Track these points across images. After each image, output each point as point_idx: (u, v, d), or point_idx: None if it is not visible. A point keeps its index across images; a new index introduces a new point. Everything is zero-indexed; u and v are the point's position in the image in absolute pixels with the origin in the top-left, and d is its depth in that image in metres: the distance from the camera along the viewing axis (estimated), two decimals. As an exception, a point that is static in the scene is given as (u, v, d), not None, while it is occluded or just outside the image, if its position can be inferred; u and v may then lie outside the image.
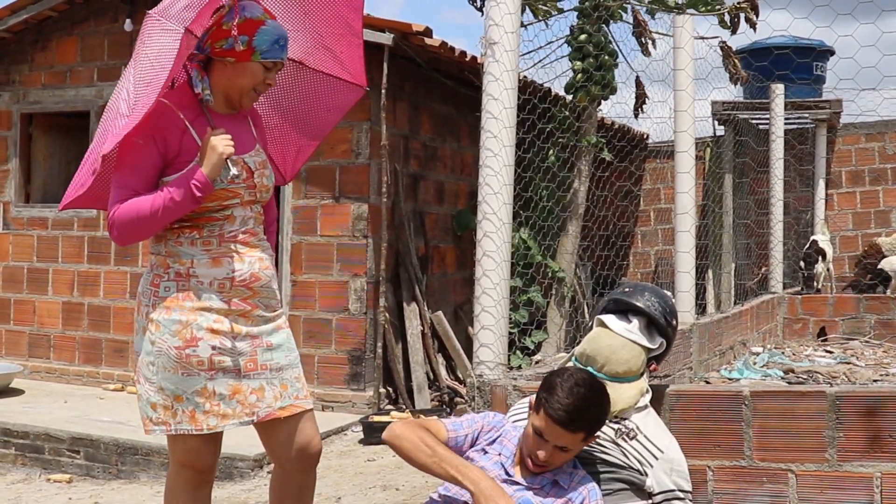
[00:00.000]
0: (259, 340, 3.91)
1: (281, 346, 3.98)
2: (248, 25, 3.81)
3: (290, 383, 3.96)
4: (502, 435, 3.78)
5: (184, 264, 3.84)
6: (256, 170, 3.96)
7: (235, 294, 3.87)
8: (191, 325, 3.80)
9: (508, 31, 4.37)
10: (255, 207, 3.99)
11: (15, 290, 11.42)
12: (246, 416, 3.87)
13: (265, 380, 3.90)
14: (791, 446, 3.81)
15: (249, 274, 3.90)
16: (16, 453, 8.61)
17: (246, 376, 3.86)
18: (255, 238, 3.97)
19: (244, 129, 4.03)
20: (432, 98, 11.00)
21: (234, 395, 3.84)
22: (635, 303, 3.95)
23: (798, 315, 10.41)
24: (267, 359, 3.92)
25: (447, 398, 9.87)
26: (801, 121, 13.90)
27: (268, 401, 3.89)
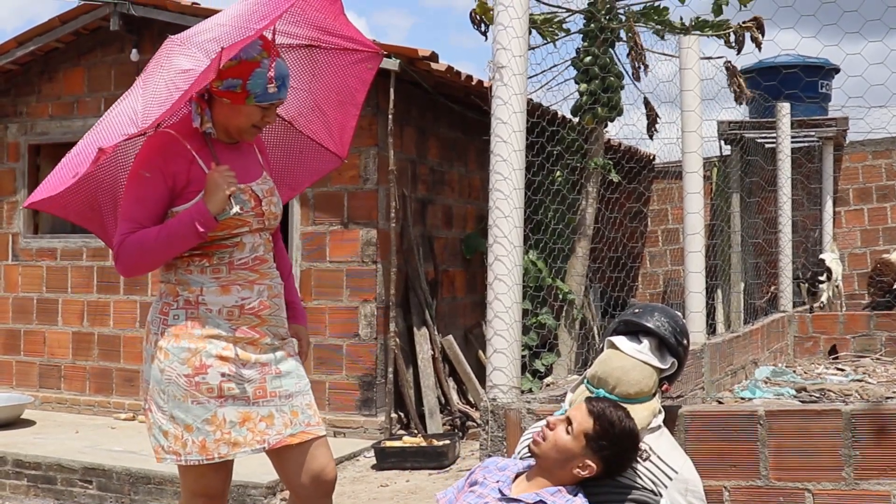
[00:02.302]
0: (268, 368, 3.93)
1: (290, 373, 3.98)
2: (242, 68, 3.81)
3: (300, 410, 3.96)
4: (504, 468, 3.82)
5: (193, 292, 3.88)
6: (264, 197, 3.99)
7: (244, 322, 3.90)
8: (200, 353, 3.83)
9: (516, 55, 4.38)
10: (263, 234, 4.02)
11: (25, 321, 11.43)
12: (257, 443, 3.88)
13: (275, 407, 3.91)
14: (807, 465, 3.80)
15: (258, 302, 3.93)
16: (28, 484, 8.60)
17: (255, 403, 3.88)
18: (265, 265, 4.00)
19: (250, 158, 4.07)
20: (439, 123, 11.03)
21: (245, 423, 3.86)
22: (645, 323, 3.95)
23: (809, 333, 10.40)
24: (276, 386, 3.93)
25: (459, 422, 9.86)
26: (808, 139, 13.91)
27: (278, 428, 3.91)
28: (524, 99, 4.45)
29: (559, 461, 3.61)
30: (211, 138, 3.95)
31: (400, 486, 8.07)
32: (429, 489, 7.88)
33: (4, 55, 11.11)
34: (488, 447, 4.32)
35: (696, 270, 6.57)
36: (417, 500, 7.50)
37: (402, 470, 8.53)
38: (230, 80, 3.81)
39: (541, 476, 3.65)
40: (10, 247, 11.52)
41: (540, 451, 3.64)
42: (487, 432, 4.33)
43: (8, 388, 11.40)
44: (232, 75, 3.80)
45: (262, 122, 3.93)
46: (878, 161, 14.45)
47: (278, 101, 3.92)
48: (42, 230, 11.56)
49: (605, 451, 3.59)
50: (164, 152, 3.85)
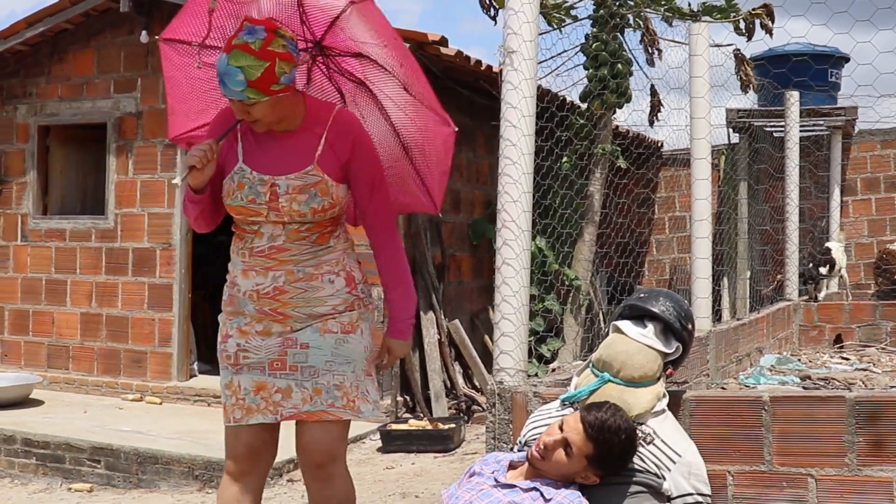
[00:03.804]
0: (292, 342, 3.98)
1: (321, 349, 3.99)
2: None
3: (325, 389, 3.98)
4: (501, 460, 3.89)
5: (232, 273, 4.10)
6: (285, 193, 3.94)
7: (264, 304, 3.98)
8: (227, 325, 4.07)
9: (527, 40, 4.39)
10: (289, 227, 3.99)
11: (33, 302, 11.47)
12: (270, 413, 3.97)
13: (294, 381, 3.97)
14: (811, 451, 3.81)
15: (273, 287, 3.97)
16: (37, 463, 8.65)
17: (272, 374, 3.97)
18: (285, 254, 3.99)
19: (302, 147, 4.03)
20: (448, 107, 10.88)
21: (259, 392, 3.97)
22: (650, 308, 3.97)
23: (814, 322, 10.39)
24: (299, 360, 3.97)
25: (464, 406, 9.89)
26: (817, 128, 13.88)
27: (294, 402, 3.97)
28: (534, 84, 4.46)
29: (561, 475, 3.67)
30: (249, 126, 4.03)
31: (405, 468, 8.10)
32: (434, 472, 7.91)
33: (14, 36, 11.14)
34: (495, 430, 4.34)
35: (703, 257, 6.59)
36: (422, 483, 7.53)
37: (408, 453, 8.56)
38: None
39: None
40: (20, 227, 11.56)
41: (541, 468, 3.69)
42: (494, 415, 4.35)
43: (16, 367, 11.45)
44: None
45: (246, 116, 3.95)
46: (887, 151, 14.43)
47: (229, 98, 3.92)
48: (51, 211, 11.60)
49: (606, 466, 3.65)
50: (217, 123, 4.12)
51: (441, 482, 7.49)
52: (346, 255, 4.14)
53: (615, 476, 3.71)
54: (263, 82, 3.81)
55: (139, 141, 10.86)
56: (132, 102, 10.90)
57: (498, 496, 3.64)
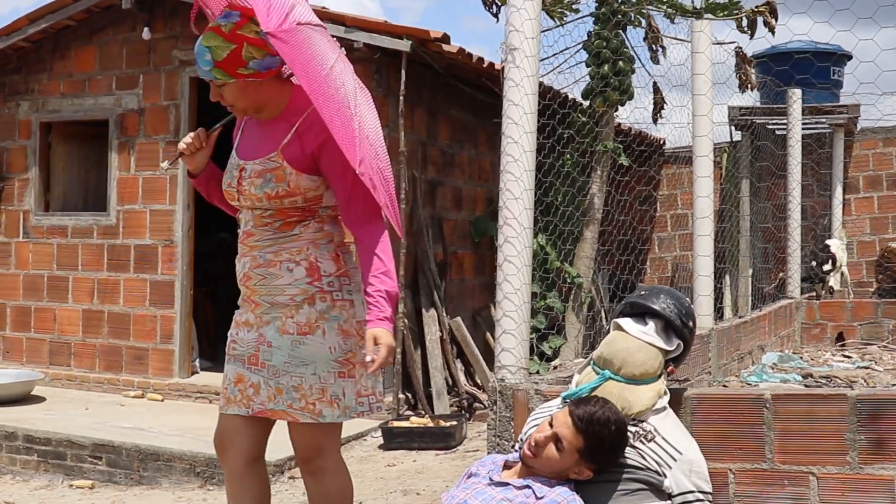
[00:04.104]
0: (262, 339, 4.04)
1: (281, 349, 4.01)
2: None
3: (285, 390, 4.00)
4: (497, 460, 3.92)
5: None
6: (247, 178, 4.05)
7: (243, 291, 4.17)
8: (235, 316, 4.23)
9: (529, 37, 4.39)
10: (255, 212, 4.09)
11: (35, 298, 11.48)
12: (243, 405, 4.06)
13: (263, 377, 4.03)
14: (812, 449, 3.81)
15: (242, 273, 4.14)
16: (38, 460, 8.65)
17: (248, 368, 4.05)
18: (251, 239, 4.11)
19: (271, 136, 4.07)
20: (450, 104, 11.04)
21: (238, 384, 4.09)
22: (651, 305, 3.97)
23: (816, 320, 10.39)
24: (266, 357, 4.03)
25: (466, 404, 9.89)
26: (819, 126, 13.88)
27: (262, 398, 4.03)
28: (536, 81, 4.45)
29: (554, 472, 3.68)
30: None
31: (407, 465, 8.10)
32: (435, 469, 7.91)
33: (17, 32, 11.14)
34: (496, 427, 4.34)
35: (705, 254, 6.58)
36: (424, 480, 7.53)
37: (410, 450, 8.56)
38: None
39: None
40: (21, 224, 11.56)
41: (533, 465, 3.71)
42: (495, 413, 4.35)
43: (18, 364, 11.46)
44: None
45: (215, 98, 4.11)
46: (889, 149, 14.41)
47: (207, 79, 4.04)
48: (53, 208, 11.60)
49: (598, 458, 3.67)
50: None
51: (442, 480, 7.49)
52: (315, 245, 4.07)
53: (611, 471, 3.72)
54: (229, 64, 3.91)
55: (141, 137, 10.86)
56: (134, 99, 10.90)
57: (491, 493, 3.66)
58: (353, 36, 9.30)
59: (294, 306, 4.03)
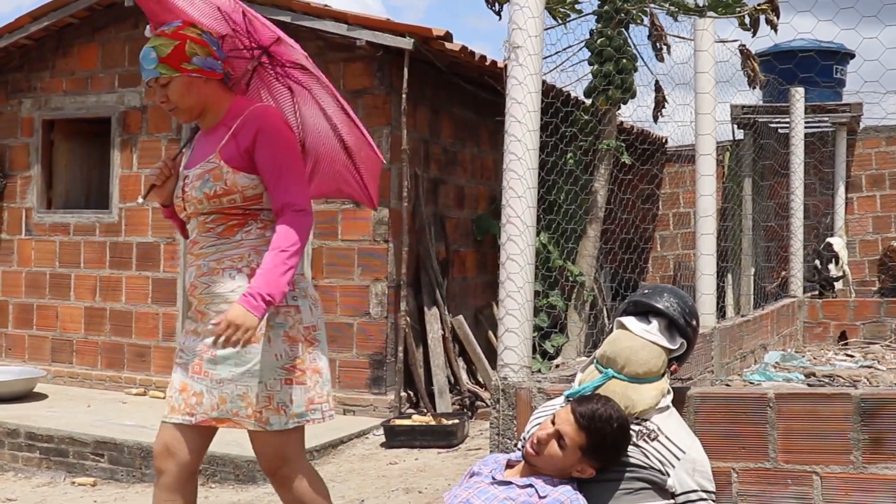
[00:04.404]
0: (206, 349, 4.05)
1: (226, 359, 4.02)
2: None
3: (230, 399, 4.02)
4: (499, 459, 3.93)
5: None
6: (189, 182, 4.15)
7: (193, 301, 4.20)
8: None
9: (532, 35, 4.38)
10: (198, 219, 4.14)
11: (38, 296, 11.48)
12: (186, 414, 4.07)
13: (205, 387, 4.05)
14: (816, 448, 3.80)
15: (189, 283, 4.18)
16: (41, 457, 8.66)
17: (192, 377, 4.07)
18: (196, 248, 4.16)
19: (212, 140, 4.19)
20: (453, 102, 11.03)
21: (182, 392, 4.10)
22: (654, 304, 3.97)
23: (818, 319, 10.38)
24: (210, 368, 4.05)
25: (468, 402, 9.89)
26: (822, 124, 13.87)
27: (205, 407, 4.05)
28: (539, 79, 4.45)
29: (556, 470, 3.68)
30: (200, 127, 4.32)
31: (409, 464, 8.10)
32: (437, 467, 7.91)
33: (19, 30, 11.14)
34: (499, 426, 4.34)
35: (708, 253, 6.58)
36: (426, 478, 7.53)
37: (412, 448, 8.56)
38: None
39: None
40: (24, 221, 11.57)
41: (536, 464, 3.71)
42: (498, 411, 4.34)
43: (20, 361, 11.46)
44: None
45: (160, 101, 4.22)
46: (892, 147, 14.40)
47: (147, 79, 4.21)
48: (55, 205, 11.60)
49: (600, 456, 3.67)
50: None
51: (444, 478, 7.49)
52: (256, 251, 4.09)
53: (614, 470, 3.72)
54: (174, 59, 4.06)
55: (143, 135, 10.86)
56: (136, 97, 10.89)
57: (494, 493, 3.66)
58: (355, 34, 9.30)
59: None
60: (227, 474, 7.81)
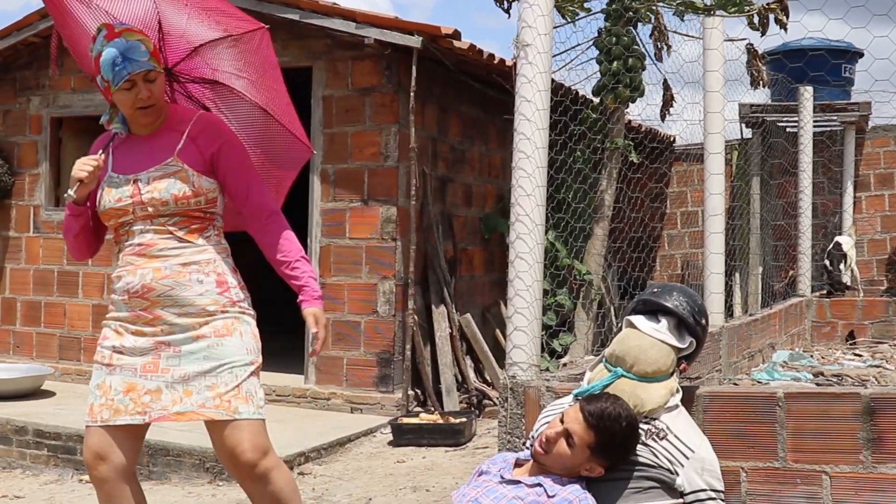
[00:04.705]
0: (166, 346, 4.07)
1: (194, 353, 4.07)
2: (96, 64, 4.09)
3: (196, 391, 4.05)
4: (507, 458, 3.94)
5: (114, 279, 4.22)
6: (147, 184, 4.11)
7: (136, 304, 4.10)
8: (105, 328, 4.20)
9: (541, 34, 4.38)
10: (156, 221, 4.14)
11: (45, 293, 11.49)
12: (138, 414, 4.04)
13: (164, 383, 4.05)
14: (825, 448, 3.80)
15: (140, 285, 4.09)
16: (48, 454, 8.66)
17: (143, 376, 4.05)
18: (152, 249, 4.12)
19: (164, 144, 4.20)
20: (461, 101, 11.02)
21: (128, 392, 4.05)
22: (664, 303, 3.97)
23: (826, 318, 10.38)
24: (172, 364, 4.06)
25: (475, 400, 9.88)
26: (830, 123, 13.85)
27: (163, 403, 4.04)
28: (548, 78, 4.45)
29: (565, 469, 3.68)
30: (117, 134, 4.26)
31: (416, 462, 8.10)
32: (445, 466, 7.91)
33: (28, 27, 11.15)
34: (507, 424, 4.34)
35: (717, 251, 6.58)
36: (434, 477, 7.53)
37: (419, 447, 8.56)
38: (97, 78, 4.13)
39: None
40: (32, 219, 11.58)
41: (545, 463, 3.71)
42: (506, 410, 4.34)
43: (28, 359, 11.48)
44: (95, 73, 4.12)
45: (138, 101, 4.11)
46: (900, 147, 14.38)
47: (131, 75, 4.06)
48: (63, 203, 11.60)
49: (609, 454, 3.67)
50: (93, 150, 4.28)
51: (452, 476, 7.49)
52: (219, 259, 4.22)
53: (623, 469, 3.72)
54: (157, 54, 4.14)
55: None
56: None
57: (503, 492, 3.66)
58: (363, 32, 9.29)
59: (207, 315, 4.12)
60: (234, 472, 7.81)
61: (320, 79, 9.89)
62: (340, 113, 9.80)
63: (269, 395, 9.91)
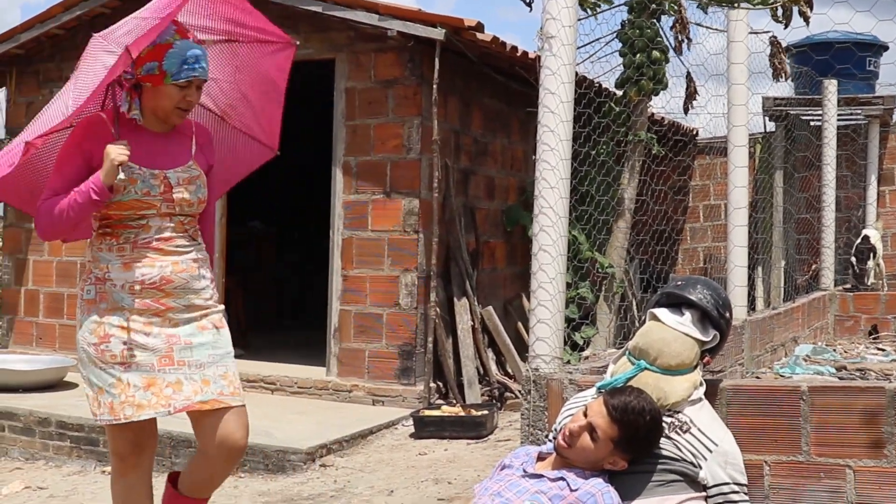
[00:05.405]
0: (176, 339, 4.23)
1: (203, 344, 4.28)
2: (157, 51, 4.17)
3: (213, 380, 4.24)
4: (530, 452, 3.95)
5: (102, 269, 4.24)
6: (177, 185, 4.26)
7: (147, 296, 4.19)
8: (104, 324, 4.18)
9: (566, 25, 4.37)
10: (175, 219, 4.29)
11: (68, 285, 11.52)
12: (162, 407, 4.17)
13: (183, 375, 4.20)
14: (849, 442, 3.78)
15: (159, 277, 4.21)
16: (71, 445, 8.69)
17: (161, 371, 4.17)
18: (170, 244, 4.26)
19: (179, 146, 4.36)
20: (483, 93, 11.00)
21: (149, 388, 4.16)
22: (688, 296, 3.96)
23: (850, 312, 10.33)
24: (185, 356, 4.22)
25: (497, 393, 9.88)
26: (854, 117, 13.79)
27: (186, 394, 4.19)
28: (573, 69, 4.44)
29: (588, 462, 3.68)
30: (139, 125, 4.27)
31: (438, 454, 8.10)
32: (466, 458, 7.91)
33: (51, 20, 11.17)
34: (530, 417, 4.34)
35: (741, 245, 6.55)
36: (455, 469, 7.53)
37: (441, 439, 8.56)
38: (148, 63, 4.16)
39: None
40: (55, 210, 11.60)
41: (568, 456, 3.71)
42: (529, 402, 4.34)
43: (51, 350, 11.51)
44: (149, 59, 4.16)
45: (183, 102, 4.24)
46: (926, 141, 14.29)
47: (195, 78, 4.20)
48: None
49: (633, 448, 3.67)
50: (86, 131, 4.22)
51: (474, 469, 7.49)
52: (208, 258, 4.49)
53: (646, 462, 3.72)
54: None
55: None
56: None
57: (525, 486, 3.66)
58: (386, 24, 9.29)
59: (208, 307, 4.37)
60: (256, 464, 7.82)
61: (343, 71, 9.90)
62: (363, 105, 9.81)
63: (292, 388, 9.94)
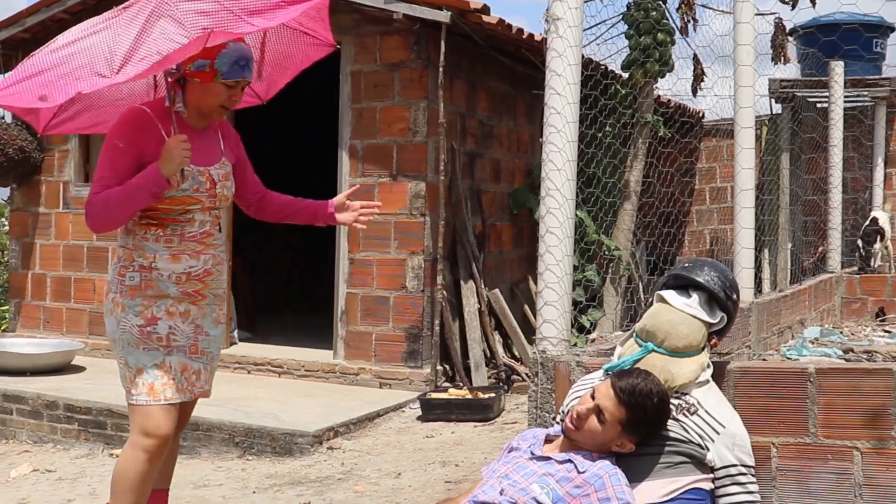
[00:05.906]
0: (200, 329, 4.51)
1: (216, 337, 4.62)
2: (210, 49, 4.21)
3: (212, 371, 4.64)
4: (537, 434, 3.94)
5: (147, 258, 4.39)
6: (219, 181, 4.50)
7: (190, 286, 4.45)
8: (151, 308, 4.37)
9: (572, 7, 4.36)
10: (213, 213, 4.54)
11: (75, 269, 11.55)
12: (188, 392, 4.46)
13: (202, 364, 4.54)
14: (856, 424, 3.78)
15: (203, 270, 4.49)
16: (79, 429, 8.72)
17: (191, 358, 4.45)
18: (210, 238, 4.53)
19: (213, 144, 4.56)
20: (489, 76, 10.98)
21: (183, 372, 4.43)
22: (695, 278, 3.96)
23: (857, 295, 10.31)
24: (205, 346, 4.54)
25: (504, 376, 9.89)
26: (861, 99, 13.75)
27: (202, 382, 4.54)
28: (579, 52, 4.43)
29: (596, 445, 3.68)
30: (181, 118, 4.39)
31: (445, 437, 8.11)
32: (474, 441, 7.92)
33: (56, 3, 11.18)
34: (537, 399, 4.34)
35: (748, 226, 6.52)
36: (462, 452, 7.54)
37: (448, 422, 8.58)
38: (200, 60, 4.28)
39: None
40: (61, 195, 11.63)
41: (575, 439, 3.71)
42: (536, 384, 4.34)
43: (58, 334, 11.55)
44: (201, 56, 4.25)
45: (228, 101, 4.41)
46: (933, 122, 14.25)
47: (242, 80, 4.35)
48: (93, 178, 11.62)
49: (640, 430, 3.67)
50: (136, 126, 4.33)
51: (481, 451, 7.50)
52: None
53: (654, 444, 3.72)
54: None
55: (180, 109, 10.86)
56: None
57: (533, 468, 3.66)
58: (392, 7, 9.28)
59: (224, 297, 4.70)
60: (263, 447, 7.84)
61: (349, 54, 9.88)
62: (369, 88, 9.80)
63: (299, 371, 9.96)
